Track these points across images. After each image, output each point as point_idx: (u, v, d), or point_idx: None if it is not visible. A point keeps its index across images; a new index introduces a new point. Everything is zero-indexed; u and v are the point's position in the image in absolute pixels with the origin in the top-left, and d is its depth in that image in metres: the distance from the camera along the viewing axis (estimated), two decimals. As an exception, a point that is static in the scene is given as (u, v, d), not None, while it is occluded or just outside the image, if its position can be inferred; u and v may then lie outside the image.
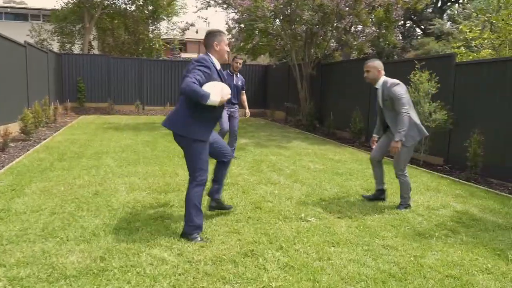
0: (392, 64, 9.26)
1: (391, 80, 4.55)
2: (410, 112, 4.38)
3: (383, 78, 4.60)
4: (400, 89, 4.44)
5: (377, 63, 4.60)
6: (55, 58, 13.89)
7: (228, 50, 3.62)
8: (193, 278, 2.73)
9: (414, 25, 28.14)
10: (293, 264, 3.00)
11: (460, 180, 6.12)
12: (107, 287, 2.56)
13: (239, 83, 7.01)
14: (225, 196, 4.68)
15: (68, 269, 2.77)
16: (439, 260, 3.20)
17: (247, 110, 7.29)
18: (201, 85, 3.23)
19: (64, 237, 3.33)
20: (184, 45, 44.09)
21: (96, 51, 21.32)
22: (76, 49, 20.12)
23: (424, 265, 3.09)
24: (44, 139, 8.41)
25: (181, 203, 4.34)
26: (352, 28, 12.39)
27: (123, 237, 3.36)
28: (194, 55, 43.05)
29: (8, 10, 32.00)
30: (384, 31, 11.22)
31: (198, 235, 3.36)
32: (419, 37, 25.92)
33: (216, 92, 3.24)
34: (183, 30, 11.44)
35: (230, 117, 6.90)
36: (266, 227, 3.73)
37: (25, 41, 10.21)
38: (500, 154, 6.33)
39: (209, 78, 3.33)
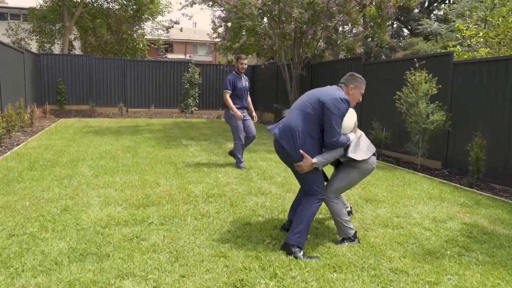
0: (387, 64, 8.89)
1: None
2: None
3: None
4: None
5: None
6: (32, 58, 13.21)
7: (360, 100, 3.65)
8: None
9: (402, 26, 28.04)
10: (291, 297, 2.54)
11: (463, 187, 5.74)
12: (62, 338, 2.07)
13: (247, 84, 6.54)
14: (211, 210, 4.21)
15: (18, 312, 2.27)
16: (457, 287, 2.78)
17: (254, 114, 6.74)
18: None
19: (20, 267, 2.82)
20: (170, 46, 43.54)
21: (77, 51, 20.60)
22: (56, 49, 19.38)
23: (441, 295, 2.66)
24: (17, 144, 7.81)
25: (160, 219, 3.86)
26: (341, 28, 12.03)
27: (90, 265, 2.86)
28: (180, 56, 42.54)
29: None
30: (376, 29, 10.86)
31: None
32: (407, 37, 25.77)
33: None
34: (167, 29, 10.94)
35: (244, 121, 6.40)
36: (257, 248, 3.27)
37: (-3, 40, 9.58)
38: (502, 157, 5.98)
39: None
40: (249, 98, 6.71)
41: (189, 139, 9.27)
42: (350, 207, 4.21)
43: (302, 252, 3.14)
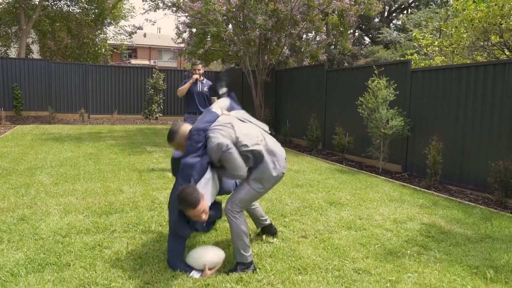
0: (349, 71, 9.14)
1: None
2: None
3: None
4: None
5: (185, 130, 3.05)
6: (-14, 62, 12.62)
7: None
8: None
9: (363, 34, 28.97)
10: (257, 300, 2.55)
11: (421, 189, 5.97)
12: None
13: (205, 89, 6.35)
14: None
15: (-30, 327, 2.16)
16: (416, 284, 2.88)
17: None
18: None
19: (-28, 280, 2.68)
20: (134, 51, 42.83)
21: (35, 56, 19.86)
22: (12, 53, 18.60)
23: (402, 293, 2.76)
24: (-31, 153, 7.42)
25: (124, 226, 3.78)
26: (305, 35, 12.27)
27: (49, 275, 2.76)
28: (145, 61, 41.90)
29: None
30: (338, 37, 11.15)
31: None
32: (368, 46, 26.63)
33: None
34: (130, 34, 10.75)
35: None
36: (224, 252, 3.25)
37: None
38: (457, 161, 6.27)
39: None
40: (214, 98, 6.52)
41: (153, 146, 9.13)
42: (270, 221, 3.71)
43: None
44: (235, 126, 2.92)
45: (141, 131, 12.07)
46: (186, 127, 3.01)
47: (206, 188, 2.82)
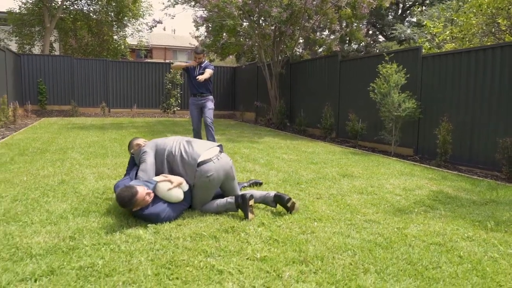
0: (361, 60, 9.40)
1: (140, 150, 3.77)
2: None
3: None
4: (140, 153, 3.71)
5: (135, 139, 3.96)
6: (13, 58, 13.22)
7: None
8: (172, 253, 2.56)
9: (377, 32, 29.05)
10: (277, 237, 2.88)
11: (432, 167, 6.22)
12: (78, 263, 2.35)
13: (201, 71, 6.49)
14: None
15: (34, 249, 2.53)
16: (421, 231, 3.17)
17: (203, 76, 6.25)
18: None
19: (28, 220, 3.07)
20: (149, 51, 43.56)
21: (57, 53, 20.55)
22: (36, 50, 19.31)
23: (408, 235, 3.05)
24: (3, 138, 7.92)
25: (154, 188, 4.14)
26: (319, 33, 12.55)
27: (94, 218, 3.14)
28: (160, 61, 42.56)
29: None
30: (351, 28, 11.42)
31: None
32: (381, 42, 26.70)
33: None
34: (151, 28, 11.19)
35: (202, 108, 6.67)
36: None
37: (-19, 37, 9.66)
38: (466, 142, 6.50)
39: None
40: (206, 72, 6.43)
41: (173, 133, 9.53)
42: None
43: None
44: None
45: (160, 122, 12.52)
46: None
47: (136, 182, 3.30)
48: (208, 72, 6.39)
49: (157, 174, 3.51)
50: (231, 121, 14.58)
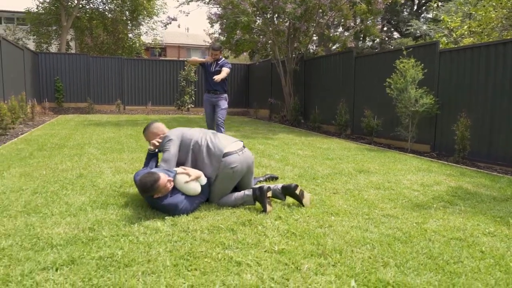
0: (377, 56, 9.30)
1: (163, 139, 3.67)
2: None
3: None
4: (164, 142, 3.63)
5: (153, 129, 3.76)
6: (31, 56, 13.46)
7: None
8: (190, 244, 2.56)
9: (392, 29, 28.71)
10: (294, 231, 2.87)
11: (449, 163, 6.12)
12: (98, 253, 2.37)
13: (217, 68, 6.46)
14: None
15: (55, 239, 2.57)
16: (441, 226, 3.12)
17: (219, 76, 6.20)
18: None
19: (49, 212, 3.11)
20: (163, 50, 43.83)
21: (73, 52, 20.84)
22: (53, 49, 19.62)
23: (427, 230, 3.01)
24: (22, 134, 8.07)
25: (171, 182, 4.16)
26: (333, 29, 12.46)
27: (112, 211, 3.17)
28: (174, 59, 42.78)
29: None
30: (366, 23, 11.31)
31: None
32: (396, 39, 26.39)
33: None
34: (166, 25, 11.26)
35: (214, 106, 6.63)
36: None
37: None
38: (485, 138, 6.37)
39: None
40: (223, 71, 6.37)
41: (188, 130, 9.58)
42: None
43: None
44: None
45: (175, 119, 12.59)
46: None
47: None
48: (225, 72, 6.34)
49: (180, 163, 3.52)
50: (245, 118, 14.59)
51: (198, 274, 2.17)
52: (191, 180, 3.19)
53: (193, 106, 16.01)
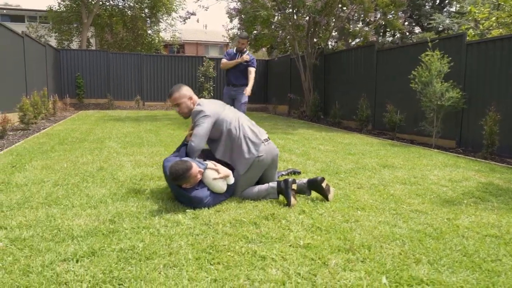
0: (400, 49, 9.05)
1: (196, 108, 3.44)
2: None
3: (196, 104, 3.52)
4: (200, 116, 3.35)
5: (184, 91, 3.51)
6: (53, 53, 13.65)
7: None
8: (212, 238, 2.49)
9: (413, 23, 28.11)
10: (319, 225, 2.76)
11: (477, 159, 5.90)
12: (118, 245, 2.32)
13: (243, 63, 6.36)
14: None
15: (75, 231, 2.52)
16: (474, 222, 2.96)
17: (248, 88, 6.27)
18: None
19: (69, 204, 3.08)
20: (182, 47, 44.06)
21: (94, 48, 21.08)
22: (74, 46, 19.90)
23: (460, 226, 2.86)
24: (44, 129, 8.16)
25: (191, 176, 4.10)
26: (353, 26, 12.21)
27: (133, 203, 3.12)
28: (193, 55, 42.98)
29: (4, 11, 31.83)
30: (388, 16, 11.03)
31: None
32: (418, 34, 25.83)
33: None
34: (184, 19, 11.22)
35: (234, 100, 6.44)
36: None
37: (22, 31, 9.99)
38: (516, 132, 6.12)
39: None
40: (251, 75, 6.37)
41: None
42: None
43: None
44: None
45: (194, 115, 12.57)
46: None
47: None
48: (252, 77, 6.35)
49: (213, 141, 3.40)
50: (264, 114, 14.49)
51: (221, 268, 2.09)
52: (219, 178, 3.10)
53: (211, 102, 15.97)
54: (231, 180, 3.20)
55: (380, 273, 2.09)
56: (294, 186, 3.25)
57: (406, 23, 27.32)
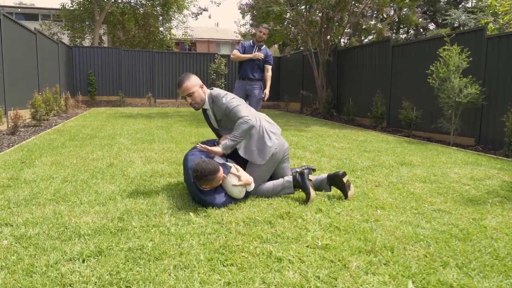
0: (416, 44, 8.81)
1: (215, 92, 3.29)
2: (254, 121, 3.17)
3: (208, 93, 3.31)
4: (229, 98, 3.24)
5: (194, 80, 3.26)
6: (65, 50, 13.67)
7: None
8: (225, 237, 2.36)
9: (428, 20, 27.62)
10: (338, 225, 2.62)
11: (498, 157, 5.68)
12: (127, 244, 2.21)
13: (258, 59, 6.04)
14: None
15: (82, 228, 2.42)
16: (502, 223, 2.79)
17: (266, 91, 6.14)
18: None
19: (78, 201, 2.99)
20: (193, 45, 44.05)
21: (106, 46, 21.15)
22: (87, 43, 19.97)
23: (487, 227, 2.69)
24: (56, 125, 8.13)
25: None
26: (368, 13, 11.97)
27: (142, 200, 3.01)
28: (204, 52, 42.97)
29: (19, 10, 32.20)
30: (404, 12, 10.78)
31: None
32: (433, 30, 25.36)
33: None
34: (196, 15, 11.12)
35: (248, 96, 6.12)
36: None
37: (35, 28, 9.99)
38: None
39: None
40: (268, 73, 6.15)
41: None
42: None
43: None
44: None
45: (205, 112, 12.48)
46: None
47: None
48: (270, 75, 6.16)
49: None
50: (276, 111, 14.33)
51: (235, 270, 1.96)
52: (239, 185, 2.95)
53: (223, 99, 15.86)
54: (251, 187, 3.04)
55: (405, 277, 1.95)
56: (311, 177, 3.11)
57: (420, 19, 26.91)
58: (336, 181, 3.23)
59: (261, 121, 3.26)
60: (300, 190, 3.21)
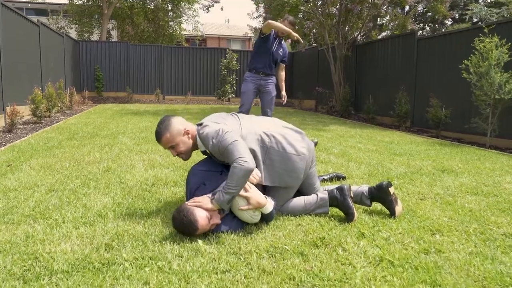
0: (444, 37, 8.10)
1: (204, 133, 2.41)
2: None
3: (197, 134, 2.49)
4: (221, 136, 2.33)
5: (176, 127, 2.45)
6: (72, 44, 13.18)
7: None
8: (245, 277, 1.76)
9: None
10: (390, 258, 2.00)
11: (548, 162, 5.00)
12: (112, 290, 1.62)
13: (280, 51, 5.28)
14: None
15: (57, 261, 1.84)
16: None
17: (284, 92, 5.56)
18: None
19: (59, 218, 2.42)
20: (203, 41, 43.54)
21: (113, 40, 20.70)
22: (95, 38, 19.53)
23: None
24: (57, 122, 7.62)
25: (213, 181, 3.39)
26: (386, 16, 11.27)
27: (139, 219, 2.43)
28: (215, 47, 42.46)
29: (29, 5, 32.00)
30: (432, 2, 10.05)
31: None
32: (452, 25, 24.45)
33: None
34: (207, 8, 10.55)
35: (261, 92, 5.48)
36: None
37: (38, 20, 9.48)
38: None
39: None
40: (283, 73, 5.61)
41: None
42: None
43: None
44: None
45: (215, 110, 11.92)
46: None
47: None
48: (284, 75, 5.69)
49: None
50: (289, 109, 13.70)
51: (262, 338, 1.36)
52: (247, 209, 2.29)
53: (234, 96, 15.27)
54: (269, 208, 2.37)
55: None
56: (351, 194, 2.50)
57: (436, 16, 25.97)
58: (380, 194, 2.61)
59: (275, 137, 2.55)
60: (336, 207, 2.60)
